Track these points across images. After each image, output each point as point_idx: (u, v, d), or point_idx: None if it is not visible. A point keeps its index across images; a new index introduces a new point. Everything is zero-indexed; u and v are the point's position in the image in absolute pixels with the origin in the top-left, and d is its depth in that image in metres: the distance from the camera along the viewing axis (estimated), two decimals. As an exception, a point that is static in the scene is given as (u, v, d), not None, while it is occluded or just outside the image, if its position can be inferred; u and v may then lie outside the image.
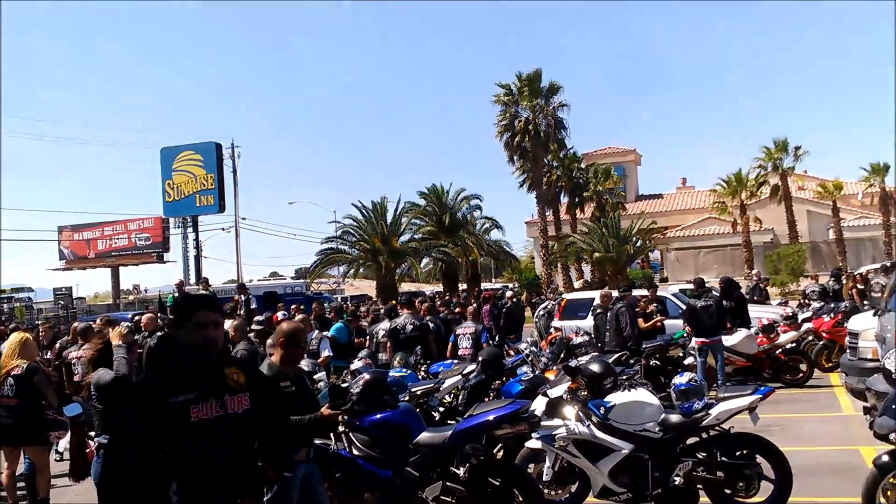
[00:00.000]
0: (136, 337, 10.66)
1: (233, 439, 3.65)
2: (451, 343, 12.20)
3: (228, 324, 10.62)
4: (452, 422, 7.85)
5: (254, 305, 19.99)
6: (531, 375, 9.29)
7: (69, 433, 9.04)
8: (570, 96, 45.42)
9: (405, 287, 45.40)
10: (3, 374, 8.30)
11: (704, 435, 6.91)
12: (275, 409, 4.07)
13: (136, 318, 14.53)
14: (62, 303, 45.61)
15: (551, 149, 43.24)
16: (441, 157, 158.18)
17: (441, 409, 9.06)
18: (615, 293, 13.76)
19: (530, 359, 10.30)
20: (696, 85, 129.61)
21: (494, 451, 7.66)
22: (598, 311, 13.36)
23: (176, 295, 16.80)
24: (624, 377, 7.74)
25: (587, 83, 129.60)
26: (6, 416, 8.20)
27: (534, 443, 7.06)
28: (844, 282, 20.66)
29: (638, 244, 37.51)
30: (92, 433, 8.36)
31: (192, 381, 3.60)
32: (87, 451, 9.72)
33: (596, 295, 14.78)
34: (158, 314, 16.15)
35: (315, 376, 9.28)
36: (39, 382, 8.32)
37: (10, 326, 14.09)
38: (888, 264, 21.00)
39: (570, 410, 6.95)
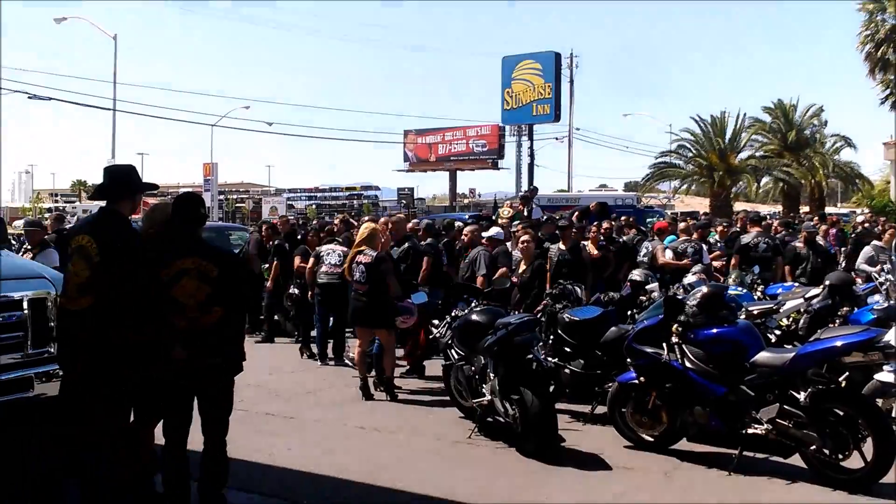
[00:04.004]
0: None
1: None
2: None
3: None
4: (789, 346, 7.46)
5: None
6: (885, 305, 8.54)
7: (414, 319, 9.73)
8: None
9: (739, 206, 43.32)
10: (350, 258, 9.05)
11: None
12: None
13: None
14: (404, 202, 49.30)
15: (923, 62, 38.50)
16: (786, 69, 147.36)
17: (778, 331, 8.67)
18: None
19: (885, 287, 9.43)
20: None
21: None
22: None
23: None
24: None
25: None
26: (358, 300, 8.96)
27: (885, 376, 6.52)
28: None
29: None
30: (436, 321, 8.95)
31: None
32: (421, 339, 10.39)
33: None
34: (492, 216, 16.81)
35: (647, 286, 9.22)
36: (385, 271, 8.94)
37: (364, 219, 15.33)
38: None
39: (931, 345, 6.32)
